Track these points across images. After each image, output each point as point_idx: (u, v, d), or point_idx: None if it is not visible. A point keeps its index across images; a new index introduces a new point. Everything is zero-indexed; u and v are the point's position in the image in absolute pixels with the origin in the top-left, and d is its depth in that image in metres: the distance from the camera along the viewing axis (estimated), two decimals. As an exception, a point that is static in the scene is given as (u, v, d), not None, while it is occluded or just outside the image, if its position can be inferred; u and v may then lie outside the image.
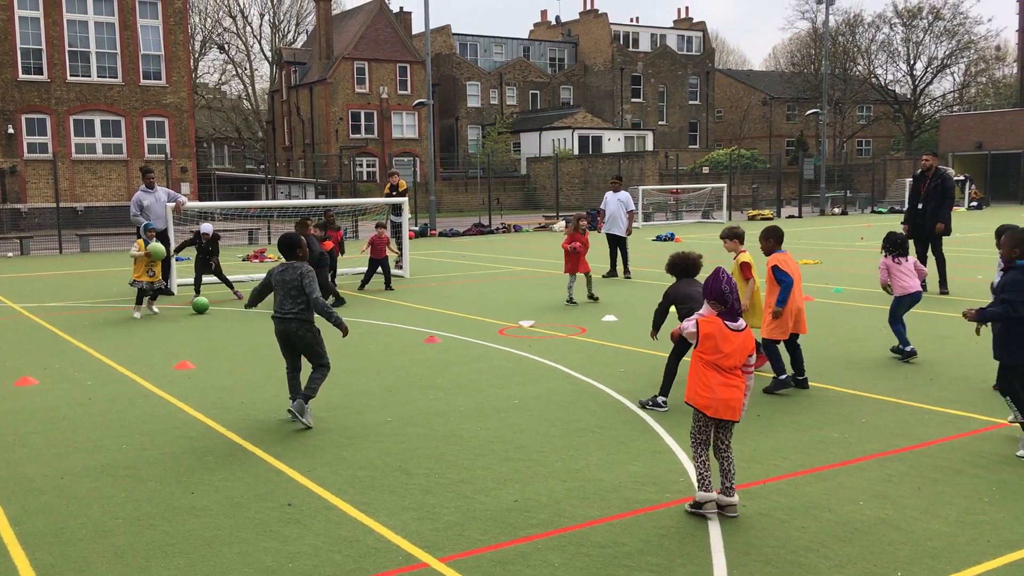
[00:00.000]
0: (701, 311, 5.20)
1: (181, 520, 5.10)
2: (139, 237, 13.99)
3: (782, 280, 7.64)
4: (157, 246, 14.32)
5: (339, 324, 6.84)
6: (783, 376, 7.70)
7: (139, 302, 12.96)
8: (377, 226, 15.91)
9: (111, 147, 38.30)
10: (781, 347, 7.84)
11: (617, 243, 17.10)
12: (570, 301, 13.40)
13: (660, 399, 7.31)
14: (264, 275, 7.25)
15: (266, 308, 7.57)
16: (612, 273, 16.99)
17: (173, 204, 15.90)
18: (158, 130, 39.13)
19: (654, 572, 4.33)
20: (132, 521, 5.11)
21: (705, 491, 5.01)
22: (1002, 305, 5.91)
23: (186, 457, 6.26)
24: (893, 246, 9.09)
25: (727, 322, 4.98)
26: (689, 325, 5.09)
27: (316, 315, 6.94)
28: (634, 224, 17.79)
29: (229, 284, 14.86)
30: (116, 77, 38.01)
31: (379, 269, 15.62)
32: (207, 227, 15.22)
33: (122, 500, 5.45)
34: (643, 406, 7.32)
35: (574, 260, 13.55)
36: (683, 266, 7.62)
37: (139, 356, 10.01)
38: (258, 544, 4.75)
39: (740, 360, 4.98)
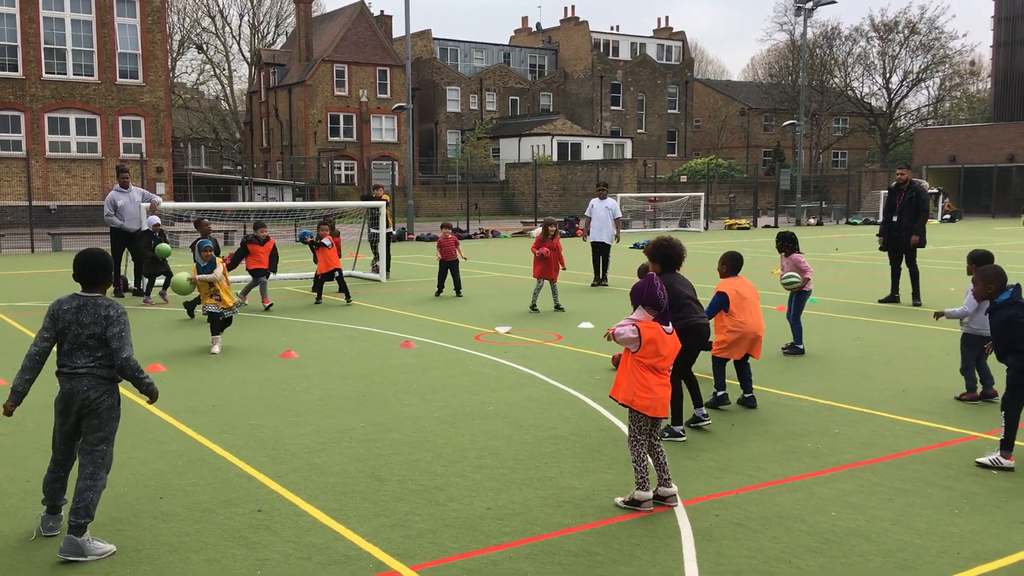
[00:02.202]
0: (634, 316, 5.26)
1: (148, 525, 5.03)
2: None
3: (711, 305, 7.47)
4: (163, 246, 14.22)
5: (150, 388, 4.87)
6: (721, 392, 7.56)
7: (214, 331, 10.29)
8: (443, 227, 15.35)
9: (86, 146, 37.92)
10: (730, 366, 7.75)
11: (602, 251, 17.03)
12: (533, 308, 13.33)
13: (678, 428, 6.71)
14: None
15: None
16: (598, 282, 16.86)
17: (148, 204, 15.75)
18: (134, 129, 38.80)
19: (626, 582, 4.31)
20: (97, 527, 5.02)
21: (643, 491, 5.20)
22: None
23: (154, 461, 6.18)
24: (787, 242, 9.80)
25: (663, 326, 5.23)
26: (626, 330, 5.17)
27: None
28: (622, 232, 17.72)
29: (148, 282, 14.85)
30: (92, 75, 37.66)
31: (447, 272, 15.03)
32: (154, 218, 14.99)
33: (88, 504, 5.36)
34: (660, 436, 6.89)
35: (543, 265, 13.48)
36: (671, 254, 6.53)
37: (110, 358, 9.87)
38: (226, 551, 4.68)
39: (672, 361, 5.28)
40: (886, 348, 10.34)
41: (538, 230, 14.29)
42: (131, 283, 15.92)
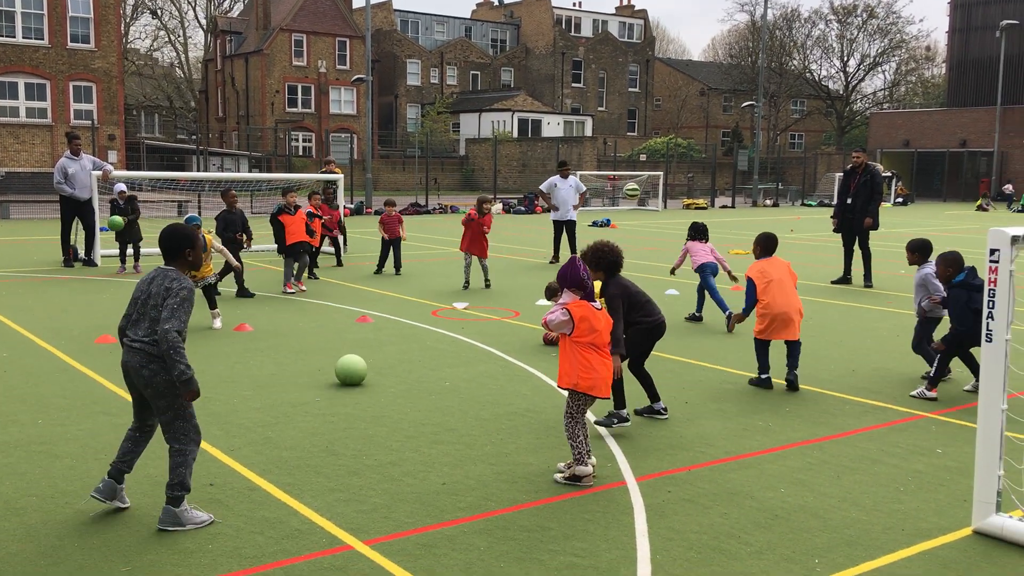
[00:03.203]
0: (562, 300, 5.32)
1: (98, 499, 4.95)
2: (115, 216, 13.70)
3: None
4: (115, 218, 13.92)
5: (184, 379, 4.43)
6: (765, 376, 7.62)
7: (212, 305, 10.12)
8: (386, 203, 14.92)
9: (35, 111, 36.98)
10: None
11: (569, 229, 16.90)
12: (465, 285, 13.13)
13: (658, 405, 6.67)
14: None
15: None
16: (556, 260, 16.74)
17: (99, 173, 15.43)
18: (85, 95, 37.89)
19: (579, 557, 4.36)
20: (46, 499, 4.95)
21: (584, 465, 5.27)
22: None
23: (105, 433, 6.09)
24: (697, 232, 10.76)
25: (591, 303, 5.32)
26: (556, 315, 5.22)
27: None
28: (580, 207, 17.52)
29: (127, 255, 14.49)
30: (42, 39, 36.65)
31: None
32: (120, 186, 14.53)
33: (36, 477, 5.28)
34: (639, 414, 6.68)
35: (469, 239, 13.16)
36: (613, 258, 6.24)
37: (59, 328, 9.70)
38: (178, 524, 4.63)
39: (607, 335, 5.33)
40: (837, 329, 10.51)
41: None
42: (81, 253, 15.60)
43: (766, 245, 7.76)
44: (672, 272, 11.17)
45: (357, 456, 5.74)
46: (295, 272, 12.71)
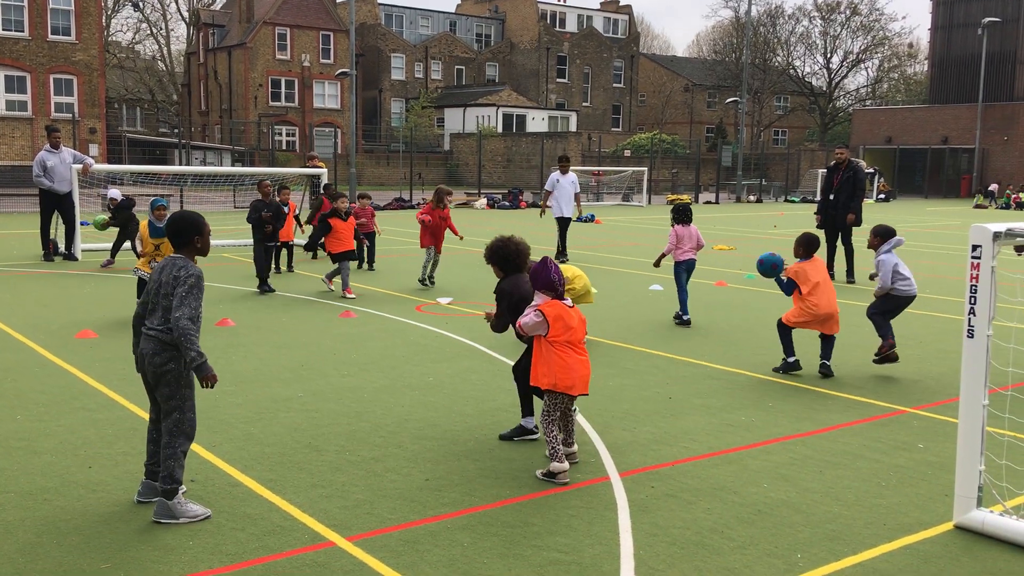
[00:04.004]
0: (535, 302, 5.35)
1: (76, 495, 4.91)
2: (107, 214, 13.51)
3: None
4: (98, 217, 13.80)
5: (200, 368, 4.60)
6: (793, 359, 8.02)
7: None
8: (360, 197, 14.75)
9: (15, 104, 36.64)
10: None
11: (565, 225, 16.73)
12: (424, 281, 12.74)
13: (528, 422, 6.08)
14: None
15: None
16: (565, 258, 16.22)
17: (79, 166, 15.30)
18: (66, 88, 37.57)
19: (562, 552, 4.35)
20: (25, 495, 4.90)
21: (560, 461, 5.25)
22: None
23: (84, 429, 6.03)
24: (681, 215, 10.38)
25: (563, 301, 5.36)
26: (529, 318, 5.27)
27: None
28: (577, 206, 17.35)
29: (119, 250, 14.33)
30: (22, 31, 36.30)
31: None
32: (113, 192, 14.56)
33: (14, 473, 5.22)
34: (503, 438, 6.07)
35: (430, 234, 12.80)
36: (516, 258, 5.94)
37: (38, 323, 9.61)
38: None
39: (584, 332, 5.38)
40: (820, 324, 10.53)
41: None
42: (62, 247, 15.46)
43: (808, 246, 8.00)
44: (656, 264, 10.81)
45: (340, 452, 5.71)
46: (331, 272, 12.26)
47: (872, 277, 8.33)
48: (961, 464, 4.72)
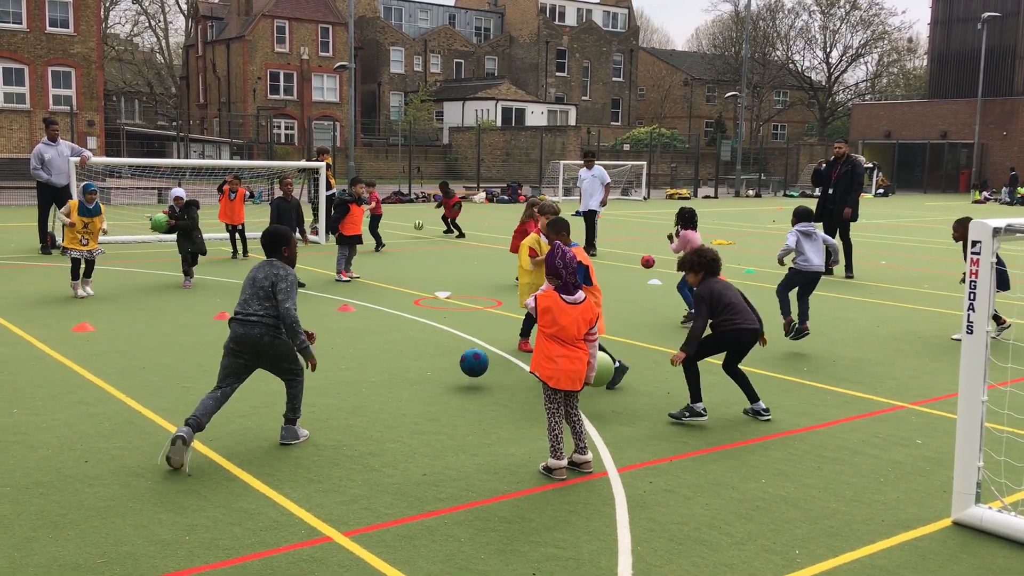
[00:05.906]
0: (542, 287, 5.41)
1: (73, 489, 4.89)
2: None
3: None
4: (159, 216, 13.43)
5: (306, 351, 5.57)
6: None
7: (75, 276, 10.71)
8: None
9: (13, 96, 36.55)
10: None
11: (589, 218, 16.59)
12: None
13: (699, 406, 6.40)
14: None
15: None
16: (591, 250, 16.05)
17: (77, 159, 15.25)
18: (64, 81, 37.47)
19: (560, 548, 4.34)
20: (21, 490, 4.88)
21: (557, 459, 5.22)
22: None
23: (80, 423, 6.02)
24: (689, 221, 10.25)
25: (564, 296, 5.22)
26: (529, 302, 5.36)
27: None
28: (609, 198, 17.15)
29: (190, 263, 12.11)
30: (20, 23, 36.19)
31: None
32: (178, 191, 12.60)
33: (10, 467, 5.20)
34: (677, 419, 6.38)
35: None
36: (711, 262, 6.44)
37: (35, 316, 9.59)
38: (154, 516, 4.58)
39: (579, 332, 5.22)
40: (818, 319, 10.52)
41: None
42: (59, 240, 15.40)
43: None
44: (648, 265, 10.73)
45: (337, 447, 5.70)
46: (346, 263, 12.67)
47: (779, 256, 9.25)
48: (959, 460, 4.71)
